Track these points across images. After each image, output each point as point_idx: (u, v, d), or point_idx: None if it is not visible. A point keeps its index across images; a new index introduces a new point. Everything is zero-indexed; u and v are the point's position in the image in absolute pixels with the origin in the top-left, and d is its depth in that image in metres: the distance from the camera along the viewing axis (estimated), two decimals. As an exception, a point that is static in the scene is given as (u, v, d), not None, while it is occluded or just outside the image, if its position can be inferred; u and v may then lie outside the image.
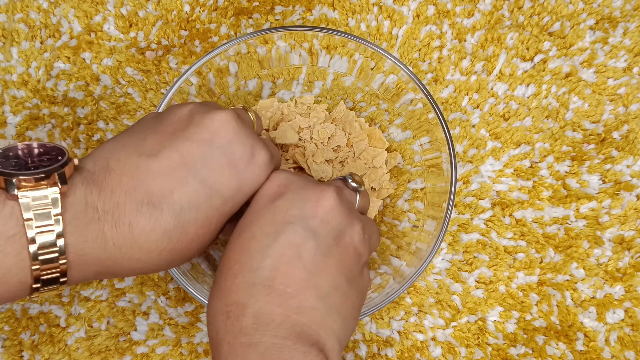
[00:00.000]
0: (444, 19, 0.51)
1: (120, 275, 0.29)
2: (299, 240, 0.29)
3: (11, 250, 0.24)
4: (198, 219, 0.29)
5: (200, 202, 0.29)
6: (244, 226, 0.30)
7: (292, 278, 0.28)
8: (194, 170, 0.29)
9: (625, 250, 0.47)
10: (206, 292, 0.39)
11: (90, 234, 0.26)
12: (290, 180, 0.32)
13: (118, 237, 0.27)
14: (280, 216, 0.30)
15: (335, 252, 0.30)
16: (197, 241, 0.29)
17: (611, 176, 0.48)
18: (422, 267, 0.39)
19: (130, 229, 0.27)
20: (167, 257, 0.29)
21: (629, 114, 0.49)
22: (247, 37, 0.42)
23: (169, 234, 0.28)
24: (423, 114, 0.47)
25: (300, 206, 0.30)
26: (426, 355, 0.45)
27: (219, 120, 0.30)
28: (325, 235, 0.30)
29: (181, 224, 0.28)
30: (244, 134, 0.31)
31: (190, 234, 0.29)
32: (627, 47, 0.50)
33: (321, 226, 0.30)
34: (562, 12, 0.51)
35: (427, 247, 0.43)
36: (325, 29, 0.44)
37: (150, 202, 0.27)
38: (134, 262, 0.28)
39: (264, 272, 0.28)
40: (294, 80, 0.48)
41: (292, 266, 0.28)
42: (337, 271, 0.30)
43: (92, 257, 0.26)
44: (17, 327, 0.45)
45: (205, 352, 0.45)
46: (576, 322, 0.45)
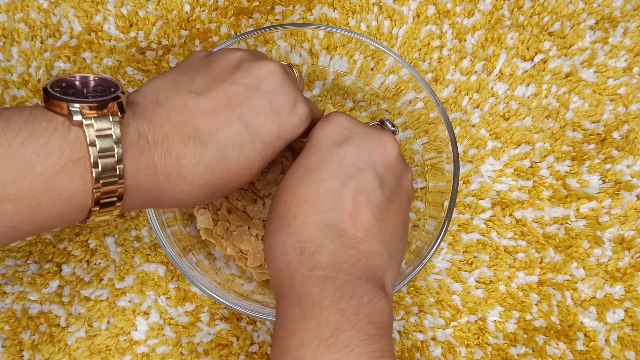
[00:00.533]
0: (444, 19, 0.51)
1: (164, 206, 0.30)
2: (368, 186, 0.30)
3: (77, 173, 0.25)
4: (240, 159, 0.30)
5: (243, 142, 0.30)
6: (309, 166, 0.31)
7: (361, 223, 0.30)
8: (238, 112, 0.30)
9: (625, 250, 0.47)
10: (212, 286, 0.39)
11: (142, 162, 0.27)
12: (352, 124, 0.33)
13: (166, 167, 0.28)
14: (349, 161, 0.31)
15: (395, 197, 0.32)
16: (237, 180, 0.31)
17: (611, 176, 0.48)
18: (421, 264, 0.39)
19: (178, 160, 0.28)
20: (208, 190, 0.30)
21: (629, 114, 0.49)
22: (247, 35, 0.42)
23: (211, 169, 0.29)
24: (423, 113, 0.47)
25: (367, 152, 0.31)
26: (426, 355, 0.45)
27: (266, 69, 0.32)
28: (389, 182, 0.31)
29: (224, 161, 0.29)
30: (287, 85, 0.32)
31: (232, 172, 0.30)
32: (627, 47, 0.50)
33: (387, 173, 0.32)
34: (562, 12, 0.51)
35: (427, 246, 0.43)
36: (326, 27, 0.44)
37: (197, 138, 0.29)
38: (178, 193, 0.29)
39: (336, 215, 0.29)
40: (294, 80, 0.48)
41: (361, 211, 0.30)
42: (397, 218, 0.32)
43: (143, 185, 0.28)
44: (17, 326, 0.45)
45: (205, 351, 0.45)
46: (576, 322, 0.46)
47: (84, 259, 0.46)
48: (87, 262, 0.46)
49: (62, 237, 0.46)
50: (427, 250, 0.40)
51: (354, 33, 0.43)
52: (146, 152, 0.27)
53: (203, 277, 0.40)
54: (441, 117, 0.42)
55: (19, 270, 0.46)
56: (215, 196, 0.31)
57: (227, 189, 0.31)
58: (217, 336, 0.45)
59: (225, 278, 0.43)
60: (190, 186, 0.29)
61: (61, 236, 0.46)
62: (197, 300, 0.46)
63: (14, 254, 0.46)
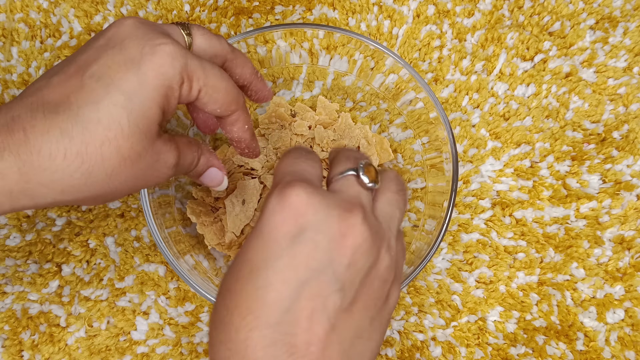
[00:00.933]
0: (444, 19, 0.51)
1: (40, 200, 0.28)
2: (325, 290, 0.26)
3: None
4: (101, 118, 0.27)
5: (98, 99, 0.28)
6: (255, 264, 0.26)
7: (315, 334, 0.25)
8: (89, 73, 0.28)
9: (625, 250, 0.47)
10: (210, 288, 0.39)
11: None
12: (310, 207, 0.26)
13: (16, 149, 0.26)
14: (302, 260, 0.26)
15: (361, 294, 0.27)
16: (112, 147, 0.28)
17: (611, 176, 0.48)
18: (421, 265, 0.39)
19: (25, 134, 0.27)
20: (76, 171, 0.27)
21: (629, 114, 0.49)
22: (247, 35, 0.42)
23: (68, 133, 0.27)
24: (423, 113, 0.47)
25: (325, 247, 0.26)
26: (426, 355, 0.45)
27: (116, 25, 0.30)
28: (352, 281, 0.26)
29: (80, 124, 0.27)
30: (143, 30, 0.30)
31: (96, 135, 0.27)
32: (627, 47, 0.50)
33: (349, 270, 0.26)
34: (562, 11, 0.51)
35: (426, 246, 0.43)
36: (326, 27, 0.44)
37: (45, 109, 0.27)
38: (44, 177, 0.27)
39: (286, 328, 0.25)
40: (294, 79, 0.48)
41: (315, 321, 0.25)
42: (362, 316, 0.27)
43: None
44: (17, 326, 0.45)
45: (205, 352, 0.45)
46: (576, 322, 0.45)
47: (84, 259, 0.46)
48: (87, 262, 0.46)
49: (62, 237, 0.46)
50: (427, 250, 0.40)
51: (353, 33, 0.43)
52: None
53: (202, 279, 0.40)
54: (440, 117, 0.42)
55: (19, 270, 0.46)
56: (95, 177, 0.28)
57: (107, 163, 0.28)
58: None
59: None
60: (52, 162, 0.27)
61: (61, 236, 0.46)
62: (197, 300, 0.45)
63: (14, 253, 0.46)
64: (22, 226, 0.47)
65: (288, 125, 0.47)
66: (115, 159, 0.28)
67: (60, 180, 0.27)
